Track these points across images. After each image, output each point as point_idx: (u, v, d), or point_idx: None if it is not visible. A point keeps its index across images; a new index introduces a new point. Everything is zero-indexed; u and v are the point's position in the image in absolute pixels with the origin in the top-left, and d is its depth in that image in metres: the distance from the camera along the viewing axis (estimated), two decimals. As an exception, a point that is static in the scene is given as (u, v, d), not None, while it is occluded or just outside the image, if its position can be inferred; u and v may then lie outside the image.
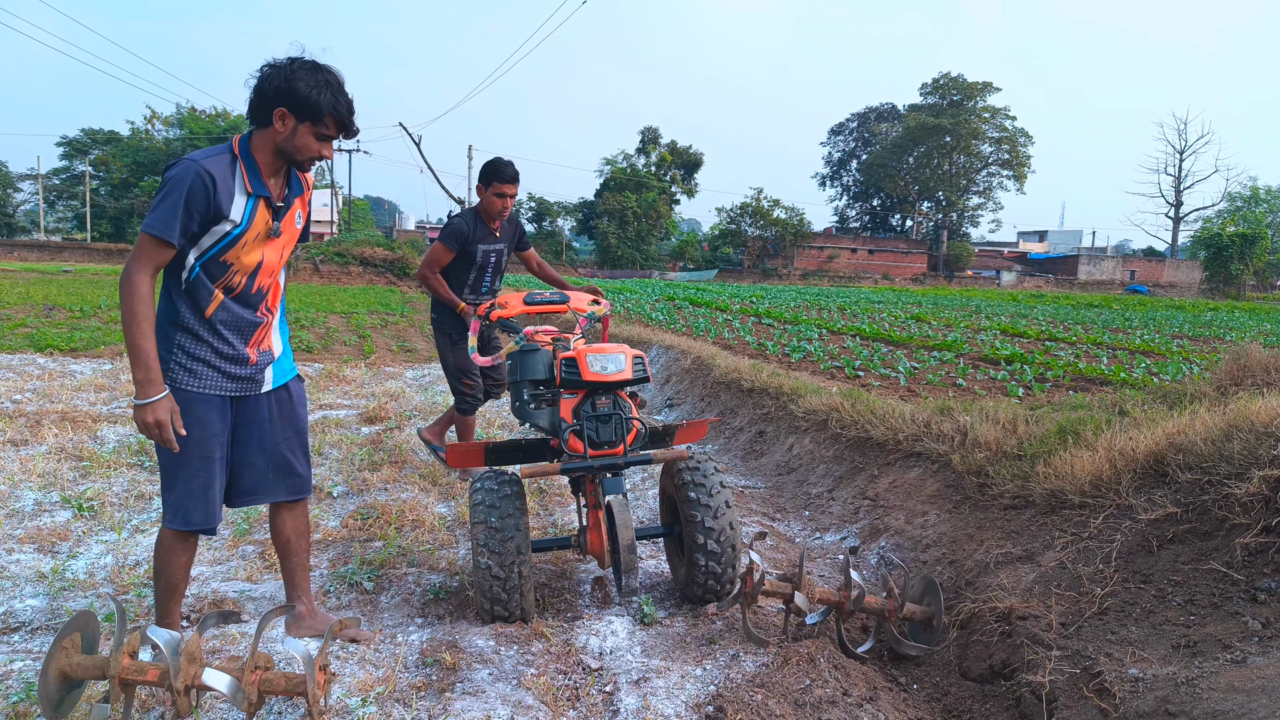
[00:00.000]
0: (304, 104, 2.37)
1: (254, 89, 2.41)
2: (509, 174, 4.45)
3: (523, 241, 4.89)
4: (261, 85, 2.40)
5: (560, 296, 3.77)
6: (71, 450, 5.01)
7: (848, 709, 2.48)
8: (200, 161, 2.33)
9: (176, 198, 2.31)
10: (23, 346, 9.29)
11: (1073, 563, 2.96)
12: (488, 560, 2.89)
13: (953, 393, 7.04)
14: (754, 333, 12.82)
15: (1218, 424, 3.15)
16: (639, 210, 57.62)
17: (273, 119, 2.40)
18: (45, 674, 2.02)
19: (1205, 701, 2.07)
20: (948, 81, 68.26)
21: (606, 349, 3.09)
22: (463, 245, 4.58)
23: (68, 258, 47.02)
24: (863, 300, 25.52)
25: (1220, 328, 16.89)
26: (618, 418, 3.02)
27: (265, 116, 2.41)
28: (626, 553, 2.82)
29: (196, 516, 2.54)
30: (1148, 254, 69.22)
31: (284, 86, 2.36)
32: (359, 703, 2.40)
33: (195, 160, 2.34)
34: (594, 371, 3.00)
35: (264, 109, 2.40)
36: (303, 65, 2.39)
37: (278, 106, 2.38)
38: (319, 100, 2.38)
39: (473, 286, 4.73)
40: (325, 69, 2.42)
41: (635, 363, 3.08)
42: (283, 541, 2.84)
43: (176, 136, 60.30)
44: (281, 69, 2.38)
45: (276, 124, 2.40)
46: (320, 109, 2.39)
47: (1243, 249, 44.14)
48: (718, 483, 3.12)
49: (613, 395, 3.08)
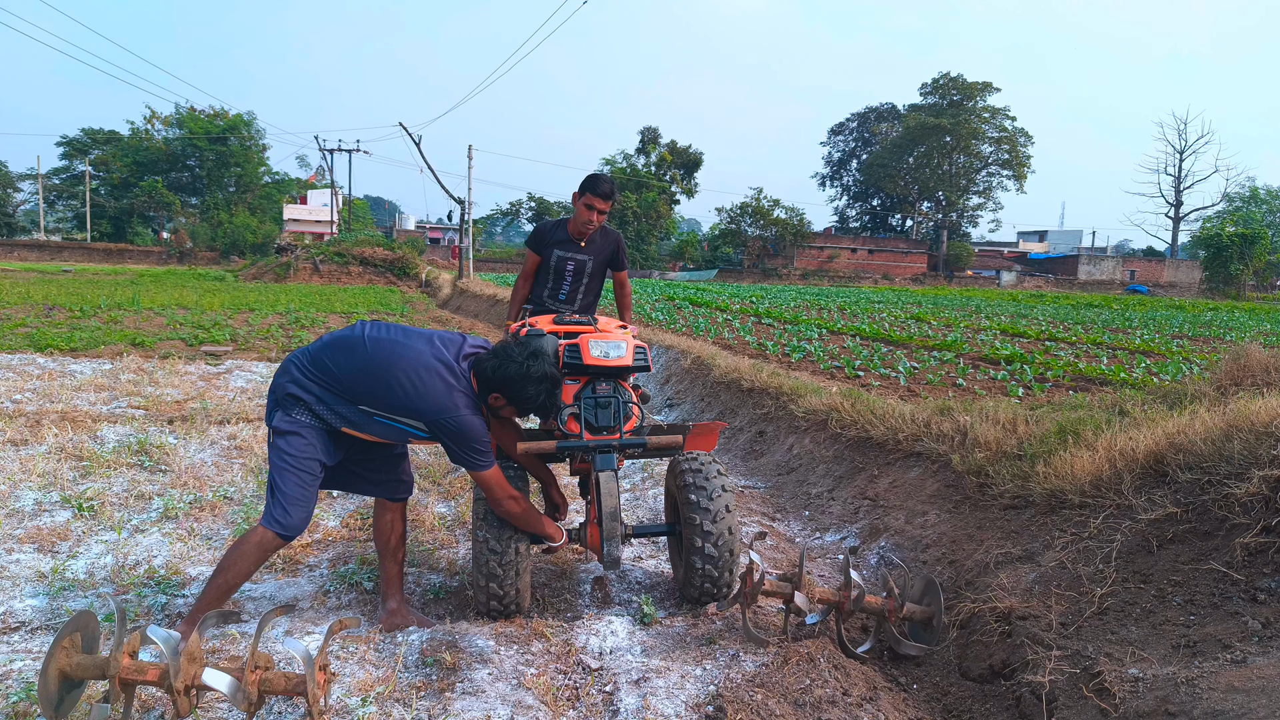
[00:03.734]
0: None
1: None
2: (602, 189, 4.37)
3: (617, 261, 4.76)
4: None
5: (589, 320, 3.82)
6: (71, 450, 5.01)
7: (848, 709, 2.48)
8: None
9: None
10: (23, 346, 9.29)
11: (1073, 563, 2.96)
12: (487, 552, 2.94)
13: (953, 393, 7.04)
14: (754, 333, 12.82)
15: (1218, 424, 3.15)
16: (639, 210, 57.62)
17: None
18: (45, 674, 2.02)
19: (1205, 701, 2.07)
20: (947, 81, 68.26)
21: (609, 336, 3.16)
22: (539, 246, 4.58)
23: (68, 258, 47.08)
24: (863, 300, 25.52)
25: (1220, 328, 16.90)
26: (617, 403, 3.09)
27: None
28: (609, 520, 2.89)
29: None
30: (1148, 254, 69.20)
31: None
32: (359, 703, 2.40)
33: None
34: (594, 356, 3.08)
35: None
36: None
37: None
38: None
39: (551, 293, 4.66)
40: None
41: (636, 351, 3.16)
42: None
43: (176, 136, 60.33)
44: None
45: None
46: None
47: (1242, 249, 44.15)
48: (719, 486, 3.12)
49: (613, 383, 3.15)
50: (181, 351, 9.71)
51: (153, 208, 59.21)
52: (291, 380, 2.77)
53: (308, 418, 2.76)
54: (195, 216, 59.20)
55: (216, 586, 2.71)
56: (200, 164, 60.48)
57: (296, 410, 2.75)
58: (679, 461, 3.24)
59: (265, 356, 9.75)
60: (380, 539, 3.12)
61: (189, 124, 59.70)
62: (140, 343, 10.13)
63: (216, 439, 5.58)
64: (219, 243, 51.91)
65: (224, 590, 2.71)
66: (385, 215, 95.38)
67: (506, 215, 65.50)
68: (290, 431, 2.73)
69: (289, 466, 2.72)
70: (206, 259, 49.10)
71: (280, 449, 2.73)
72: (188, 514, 4.09)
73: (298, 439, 2.73)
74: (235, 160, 60.97)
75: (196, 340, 10.66)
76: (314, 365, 2.78)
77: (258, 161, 63.74)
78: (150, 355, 9.28)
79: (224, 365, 8.91)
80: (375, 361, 2.72)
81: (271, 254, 37.95)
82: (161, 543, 3.69)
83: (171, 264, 46.59)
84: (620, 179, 59.23)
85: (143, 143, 60.36)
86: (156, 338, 10.74)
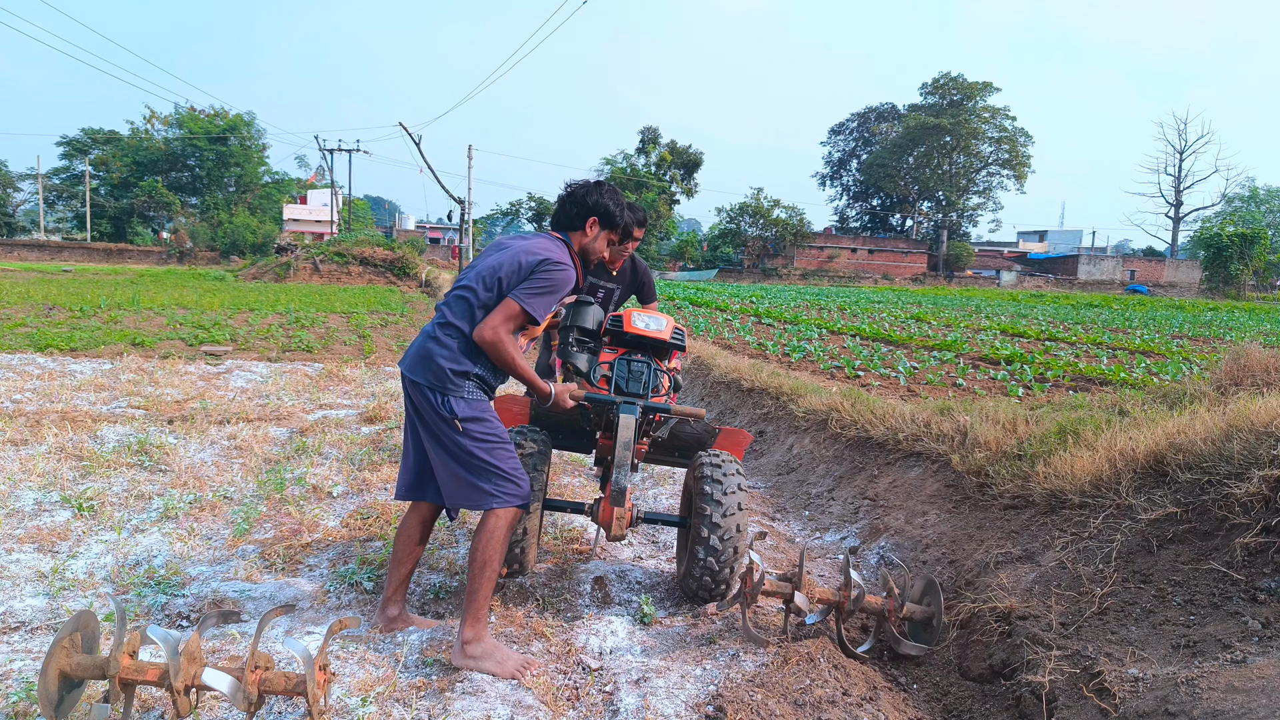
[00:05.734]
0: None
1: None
2: (639, 218, 4.24)
3: (645, 293, 4.77)
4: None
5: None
6: (71, 450, 5.01)
7: (847, 709, 2.49)
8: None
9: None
10: (23, 346, 9.29)
11: (1073, 563, 2.96)
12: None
13: (953, 393, 7.04)
14: (754, 332, 12.82)
15: (1218, 424, 3.15)
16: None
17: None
18: (45, 674, 2.02)
19: (1205, 701, 2.07)
20: (947, 81, 68.26)
21: (651, 312, 3.43)
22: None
23: (68, 257, 47.07)
24: (863, 300, 25.52)
25: (1220, 328, 16.90)
26: (648, 374, 3.27)
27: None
28: (621, 449, 2.98)
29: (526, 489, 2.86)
30: (1148, 254, 69.17)
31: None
32: (359, 702, 2.40)
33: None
34: (636, 326, 3.30)
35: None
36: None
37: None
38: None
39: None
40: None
41: (675, 331, 3.37)
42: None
43: (176, 136, 60.33)
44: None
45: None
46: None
47: (1242, 249, 44.17)
48: (735, 485, 3.16)
49: (648, 358, 3.34)
50: (181, 351, 9.70)
51: (153, 208, 59.21)
52: (448, 355, 2.73)
53: (479, 393, 2.78)
54: (195, 216, 59.19)
55: (488, 579, 2.72)
56: (200, 164, 60.48)
57: (468, 388, 2.75)
58: (702, 455, 3.31)
59: (265, 356, 9.75)
60: (409, 542, 3.00)
61: (189, 124, 59.70)
62: (140, 342, 10.13)
63: (216, 439, 5.58)
64: (219, 243, 51.89)
65: (494, 580, 2.76)
66: (385, 215, 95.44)
67: (506, 215, 65.46)
68: (475, 417, 2.74)
69: (496, 443, 2.75)
70: (206, 259, 49.08)
71: (474, 435, 2.72)
72: (188, 514, 4.09)
73: (486, 422, 2.76)
74: (235, 160, 60.97)
75: (196, 340, 10.66)
76: (452, 334, 2.76)
77: (258, 161, 63.75)
78: (150, 355, 9.28)
79: (224, 365, 8.91)
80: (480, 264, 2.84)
81: (271, 254, 37.92)
82: (161, 543, 3.69)
83: (171, 264, 46.59)
84: (620, 179, 59.20)
85: (143, 143, 60.36)
86: (156, 337, 10.74)
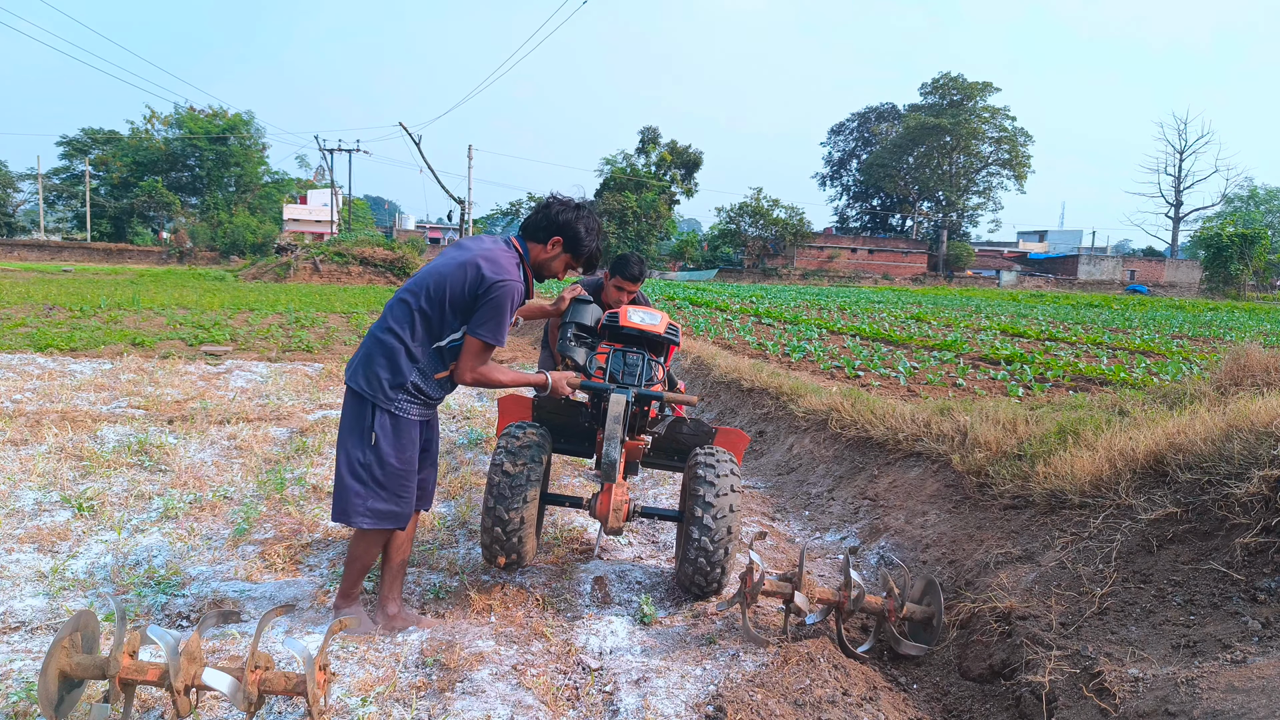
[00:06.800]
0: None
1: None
2: (631, 272, 4.32)
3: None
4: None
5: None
6: (71, 450, 5.01)
7: (847, 709, 2.49)
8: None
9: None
10: (23, 346, 9.29)
11: (1073, 563, 2.96)
12: (494, 499, 3.09)
13: (953, 393, 7.04)
14: (754, 332, 12.82)
15: (1218, 424, 3.15)
16: (639, 210, 57.57)
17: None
18: (45, 674, 2.02)
19: (1205, 701, 2.07)
20: (947, 81, 68.25)
21: (646, 309, 3.53)
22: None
23: (68, 257, 47.07)
24: (863, 300, 25.52)
25: (1220, 328, 16.90)
26: (643, 366, 3.35)
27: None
28: (611, 423, 3.05)
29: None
30: (1148, 254, 69.18)
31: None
32: (359, 703, 2.40)
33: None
34: (632, 321, 3.39)
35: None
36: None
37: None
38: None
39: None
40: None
41: (669, 327, 3.49)
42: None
43: (176, 136, 60.31)
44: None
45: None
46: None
47: (1242, 249, 44.16)
48: (729, 485, 3.17)
49: (644, 353, 3.42)
50: (181, 351, 9.70)
51: (153, 208, 59.20)
52: (386, 364, 2.73)
53: (410, 405, 2.77)
54: (195, 216, 59.18)
55: (358, 570, 2.93)
56: (200, 164, 60.46)
57: (399, 401, 2.75)
58: (698, 453, 3.34)
59: (265, 356, 9.75)
60: (394, 543, 3.03)
61: (188, 124, 59.68)
62: (140, 342, 10.13)
63: (216, 439, 5.58)
64: (219, 243, 51.88)
65: (365, 571, 2.96)
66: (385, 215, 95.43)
67: (506, 215, 65.47)
68: (392, 437, 2.76)
69: (395, 470, 2.77)
70: (206, 259, 49.07)
71: (381, 455, 2.75)
72: (188, 514, 4.09)
73: (398, 447, 2.78)
74: (235, 160, 60.95)
75: (196, 340, 10.66)
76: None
77: (257, 161, 63.72)
78: (150, 355, 9.28)
79: (224, 365, 8.91)
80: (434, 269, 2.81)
81: (271, 254, 37.92)
82: (161, 543, 3.69)
83: (171, 264, 46.59)
84: (620, 179, 59.23)
85: (143, 143, 60.33)
86: (156, 337, 10.74)
